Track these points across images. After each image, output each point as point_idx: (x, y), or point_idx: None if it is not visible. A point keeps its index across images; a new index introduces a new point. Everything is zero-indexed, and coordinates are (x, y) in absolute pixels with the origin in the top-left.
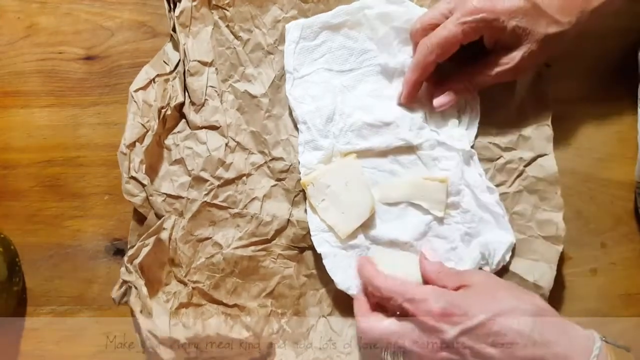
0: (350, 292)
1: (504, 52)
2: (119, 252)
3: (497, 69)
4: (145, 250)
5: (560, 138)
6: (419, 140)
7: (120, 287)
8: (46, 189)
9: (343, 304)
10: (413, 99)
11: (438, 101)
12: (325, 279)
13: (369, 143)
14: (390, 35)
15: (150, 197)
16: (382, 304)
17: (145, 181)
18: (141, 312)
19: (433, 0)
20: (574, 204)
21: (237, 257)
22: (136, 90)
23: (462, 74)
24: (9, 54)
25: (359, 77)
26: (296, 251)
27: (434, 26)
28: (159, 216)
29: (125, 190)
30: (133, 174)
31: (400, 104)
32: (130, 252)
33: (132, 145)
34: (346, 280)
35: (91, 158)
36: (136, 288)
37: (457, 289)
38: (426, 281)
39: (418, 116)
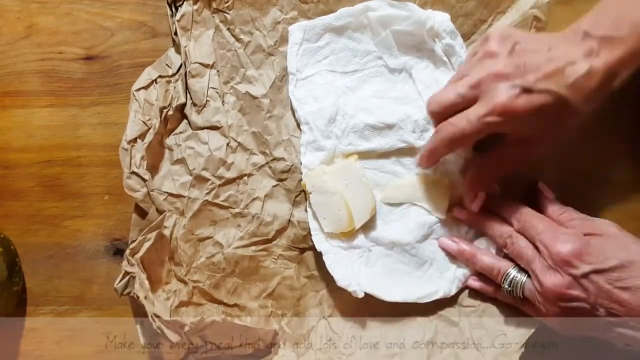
0: (350, 290)
1: (523, 144)
2: (119, 252)
3: (515, 161)
4: (146, 245)
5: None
6: (421, 142)
7: (123, 278)
8: (46, 189)
9: (344, 305)
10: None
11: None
12: (325, 280)
13: (372, 144)
14: (391, 38)
15: (152, 192)
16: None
17: (147, 176)
18: (146, 298)
19: (434, 3)
20: (573, 204)
21: (237, 257)
22: (138, 90)
23: (476, 171)
24: (9, 54)
25: (363, 79)
26: (297, 252)
27: (455, 110)
28: (160, 211)
29: (126, 185)
30: (134, 169)
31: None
32: (132, 246)
33: (133, 142)
34: (346, 277)
35: (91, 158)
36: (139, 279)
37: (585, 235)
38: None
39: (421, 118)
